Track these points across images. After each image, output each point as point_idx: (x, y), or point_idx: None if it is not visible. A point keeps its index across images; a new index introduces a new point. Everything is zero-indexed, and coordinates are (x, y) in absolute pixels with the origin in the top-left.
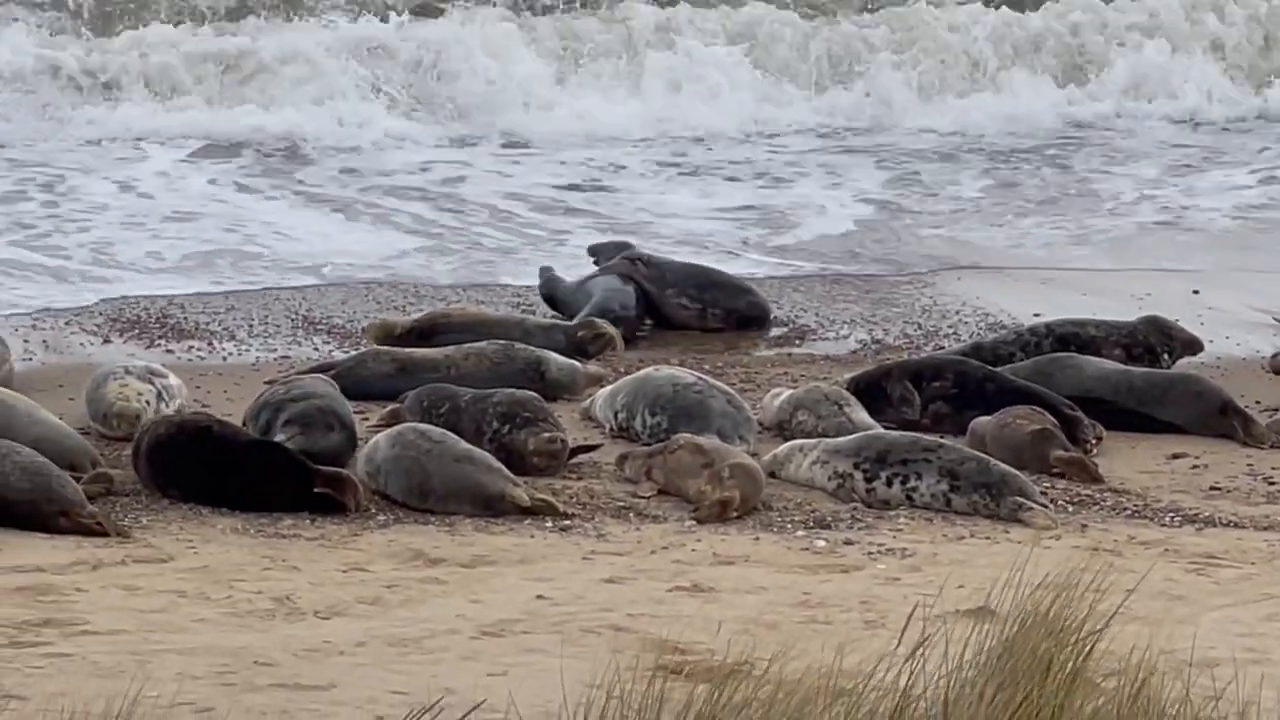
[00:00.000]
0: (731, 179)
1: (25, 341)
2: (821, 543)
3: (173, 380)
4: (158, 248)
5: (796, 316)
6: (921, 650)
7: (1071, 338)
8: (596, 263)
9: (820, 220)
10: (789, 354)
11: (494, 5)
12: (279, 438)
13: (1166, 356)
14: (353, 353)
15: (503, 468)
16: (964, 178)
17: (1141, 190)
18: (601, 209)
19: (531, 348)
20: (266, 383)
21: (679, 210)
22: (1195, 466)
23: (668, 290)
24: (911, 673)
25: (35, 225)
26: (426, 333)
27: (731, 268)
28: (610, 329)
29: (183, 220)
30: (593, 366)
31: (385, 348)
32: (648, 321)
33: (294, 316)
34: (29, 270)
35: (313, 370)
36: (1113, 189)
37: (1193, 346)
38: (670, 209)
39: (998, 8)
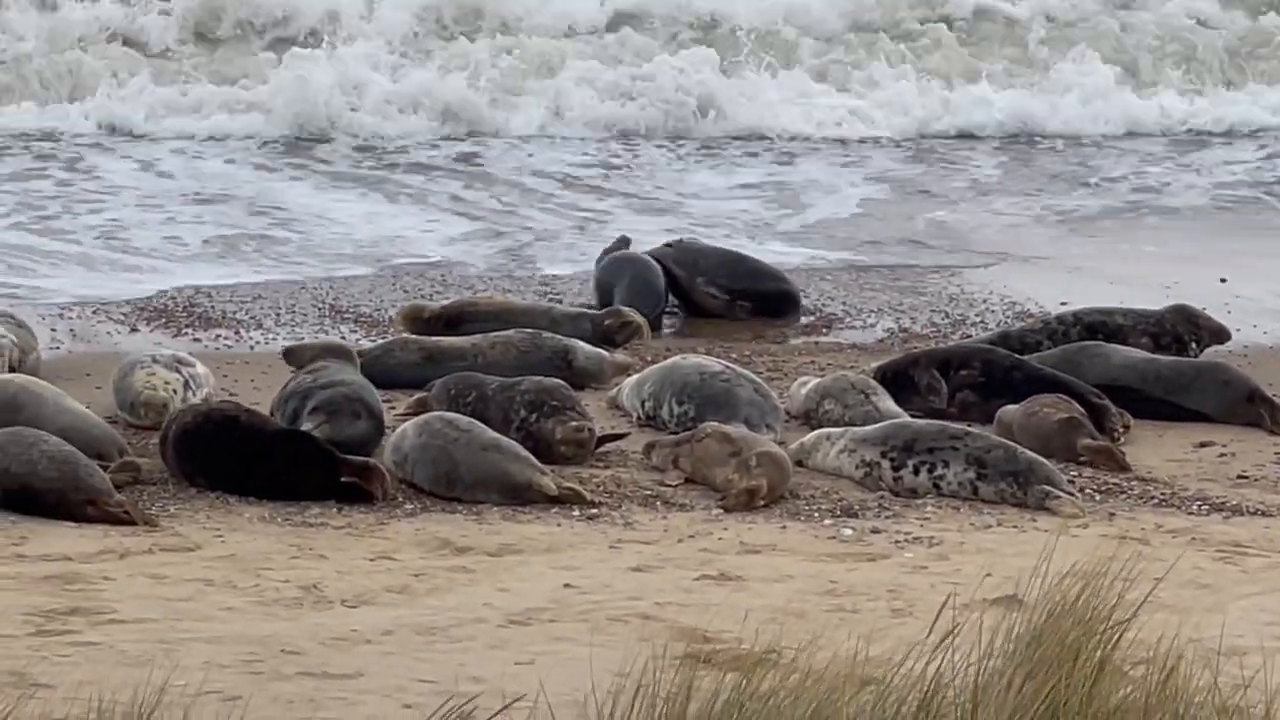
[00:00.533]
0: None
1: (53, 330)
2: (849, 531)
3: (200, 369)
4: (179, 232)
5: (824, 305)
6: (951, 639)
7: (1099, 326)
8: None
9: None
10: (816, 342)
11: None
12: (306, 426)
13: (1194, 345)
14: (380, 341)
15: (530, 456)
16: None
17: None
18: (627, 189)
19: (559, 336)
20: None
21: (700, 190)
22: (1222, 455)
23: (698, 279)
24: (941, 661)
25: (44, 207)
26: (454, 320)
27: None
28: (637, 318)
29: (205, 203)
30: (620, 355)
31: (413, 336)
32: (673, 301)
33: (321, 305)
34: (54, 257)
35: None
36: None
37: (1220, 335)
38: (691, 189)
39: None
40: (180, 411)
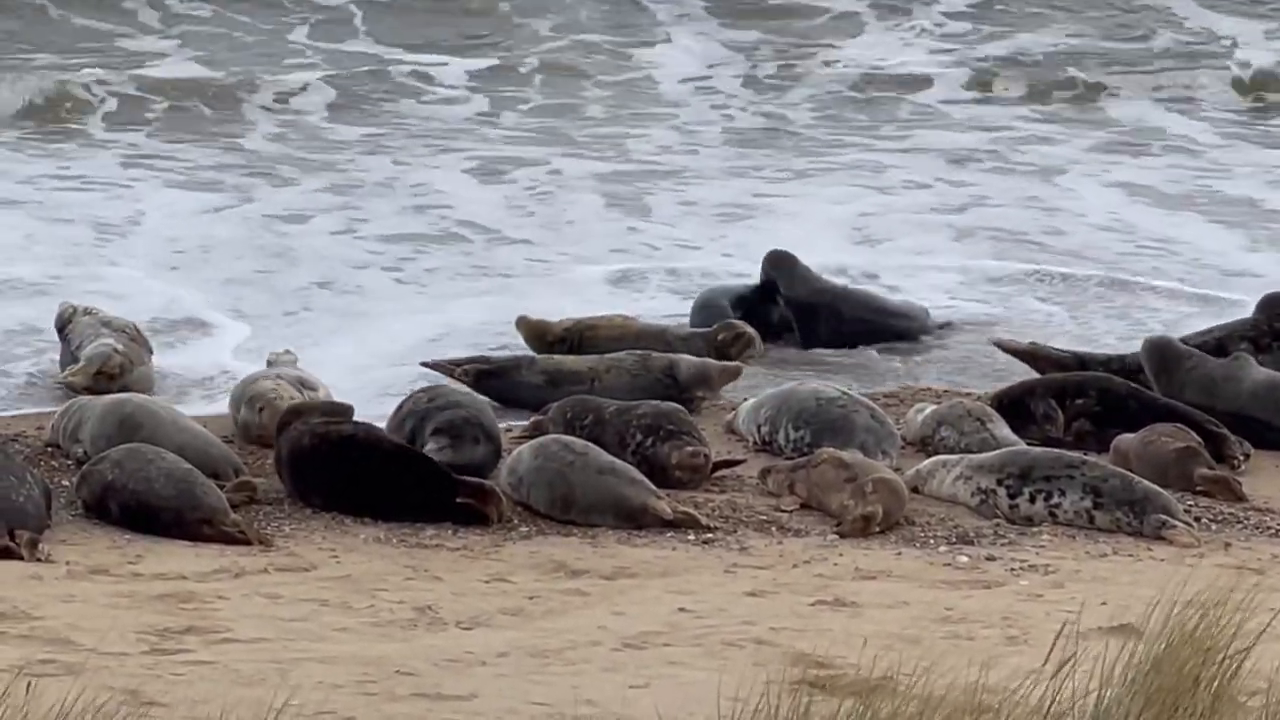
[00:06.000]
0: None
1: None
2: (964, 558)
3: (322, 393)
4: None
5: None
6: (1070, 667)
7: (1204, 348)
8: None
9: None
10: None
11: None
12: (429, 448)
13: None
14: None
15: (645, 480)
16: None
17: None
18: None
19: (666, 354)
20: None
21: None
22: None
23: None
24: (1057, 690)
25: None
26: (576, 344)
27: None
28: (748, 328)
29: None
30: (725, 362)
31: (539, 356)
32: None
33: None
34: None
35: (469, 361)
36: None
37: None
38: None
39: None
40: (298, 432)
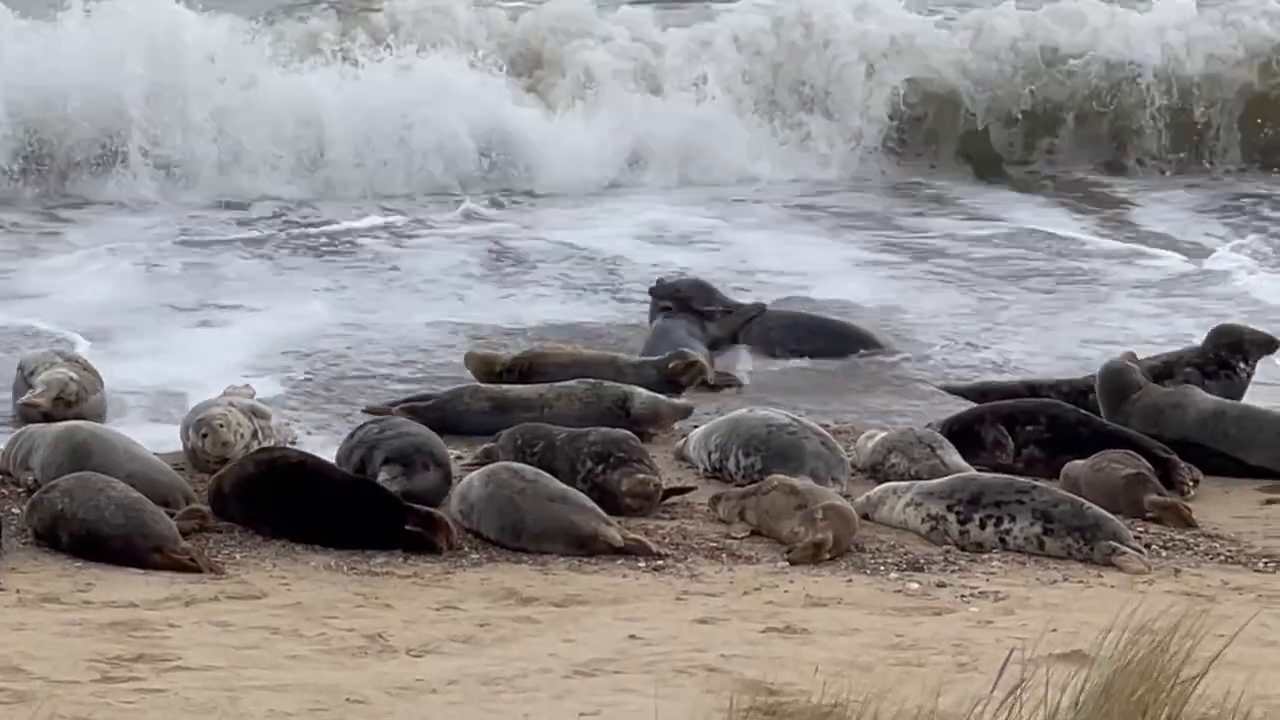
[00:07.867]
0: None
1: None
2: (914, 585)
3: (274, 421)
4: None
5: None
6: (1019, 694)
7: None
8: (667, 308)
9: None
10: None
11: None
12: (380, 477)
13: (1243, 364)
14: (450, 387)
15: (596, 507)
16: None
17: None
18: None
19: (619, 384)
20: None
21: None
22: None
23: (775, 349)
24: (1007, 717)
25: None
26: (525, 373)
27: None
28: (700, 358)
29: None
30: (680, 400)
31: (483, 385)
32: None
33: None
34: None
35: (408, 401)
36: None
37: (1269, 346)
38: None
39: None
40: (240, 461)
